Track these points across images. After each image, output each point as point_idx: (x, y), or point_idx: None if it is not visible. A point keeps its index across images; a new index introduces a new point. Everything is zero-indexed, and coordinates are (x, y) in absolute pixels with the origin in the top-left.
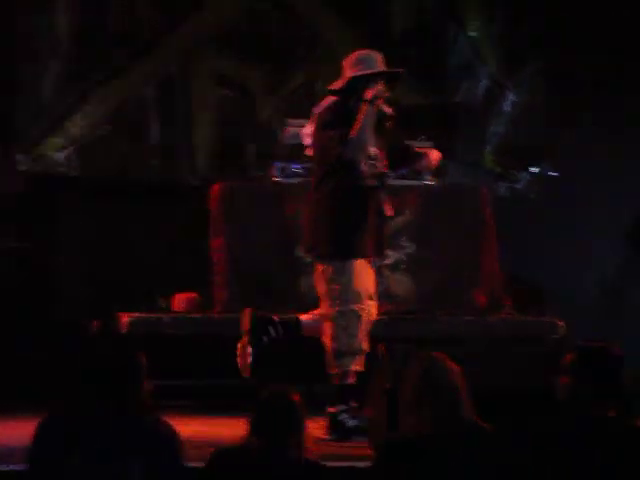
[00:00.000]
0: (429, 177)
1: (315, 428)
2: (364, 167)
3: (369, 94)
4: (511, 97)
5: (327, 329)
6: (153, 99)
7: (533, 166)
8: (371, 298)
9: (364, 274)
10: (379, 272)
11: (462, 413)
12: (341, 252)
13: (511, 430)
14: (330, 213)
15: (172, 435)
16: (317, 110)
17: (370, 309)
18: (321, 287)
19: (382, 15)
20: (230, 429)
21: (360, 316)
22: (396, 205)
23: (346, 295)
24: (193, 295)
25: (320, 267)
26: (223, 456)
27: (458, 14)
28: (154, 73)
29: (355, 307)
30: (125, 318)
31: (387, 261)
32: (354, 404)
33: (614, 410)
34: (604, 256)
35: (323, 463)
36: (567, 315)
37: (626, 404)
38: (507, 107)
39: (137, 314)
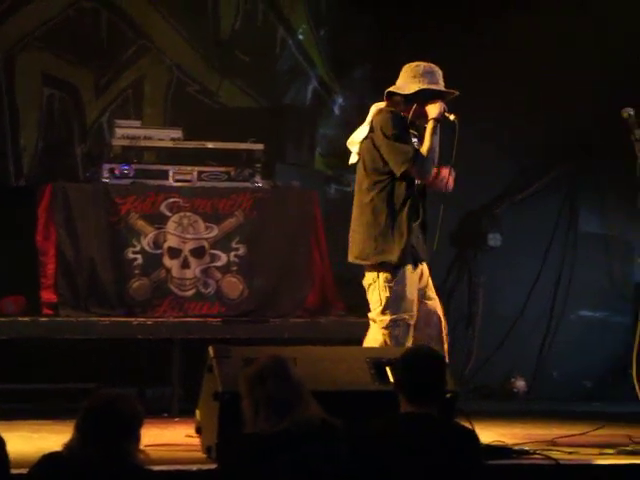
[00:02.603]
0: (259, 180)
1: None
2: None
3: (436, 112)
4: (339, 101)
5: (376, 335)
6: None
7: None
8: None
9: (412, 282)
10: (210, 274)
11: (306, 412)
12: (397, 260)
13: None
14: (381, 221)
15: None
16: (372, 117)
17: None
18: (372, 294)
19: (211, 18)
20: (55, 434)
21: (410, 325)
22: (227, 207)
23: (398, 303)
24: (20, 298)
25: (371, 275)
26: (48, 461)
27: (286, 18)
28: None
29: (406, 315)
30: None
31: (218, 263)
32: None
33: (438, 409)
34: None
35: (150, 468)
36: None
37: (448, 403)
38: (336, 110)
39: None
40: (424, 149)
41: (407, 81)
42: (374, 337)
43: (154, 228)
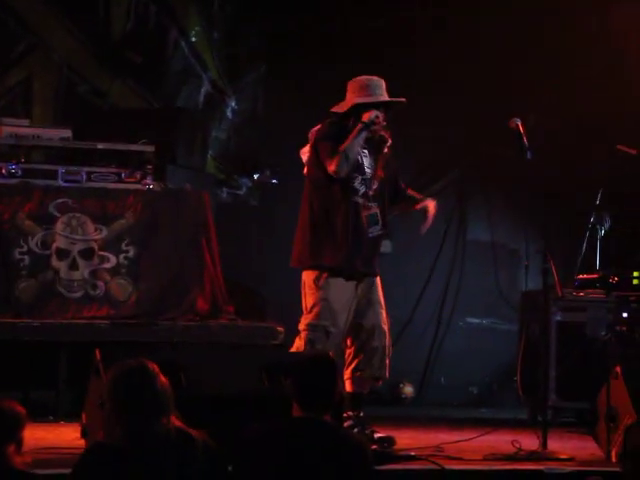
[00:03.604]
0: (150, 181)
1: None
2: (357, 185)
3: (366, 117)
4: (232, 104)
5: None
6: None
7: (255, 173)
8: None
9: (340, 292)
10: (99, 276)
11: (159, 422)
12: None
13: (227, 435)
14: (316, 227)
15: None
16: (315, 128)
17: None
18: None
19: (102, 18)
20: None
21: (330, 332)
22: (117, 209)
23: (320, 309)
24: None
25: (303, 279)
26: None
27: (179, 19)
28: None
29: (326, 323)
30: None
31: (107, 265)
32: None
33: (328, 414)
34: None
35: (33, 471)
36: (288, 321)
37: (339, 409)
38: (229, 114)
39: None
40: (342, 146)
41: (347, 97)
42: (295, 344)
43: (42, 229)
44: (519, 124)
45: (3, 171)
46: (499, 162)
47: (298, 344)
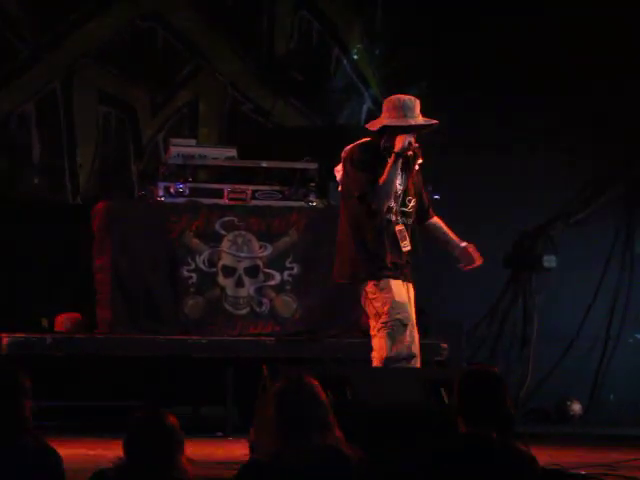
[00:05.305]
0: (313, 199)
1: None
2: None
3: (399, 146)
4: None
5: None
6: (35, 116)
7: None
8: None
9: (398, 289)
10: (264, 293)
11: (320, 440)
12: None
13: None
14: (348, 242)
15: (56, 459)
16: (348, 147)
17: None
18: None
19: (266, 38)
20: (111, 451)
21: (406, 324)
22: (281, 226)
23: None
24: (76, 315)
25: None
26: (102, 477)
27: (341, 38)
28: (35, 89)
29: (399, 317)
30: (5, 339)
31: (272, 282)
32: None
33: (496, 430)
34: (488, 279)
35: None
36: (451, 337)
37: (507, 425)
38: None
39: (18, 335)
40: (380, 179)
41: (382, 115)
42: (374, 348)
43: (209, 246)
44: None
45: (171, 190)
46: None
47: (379, 344)
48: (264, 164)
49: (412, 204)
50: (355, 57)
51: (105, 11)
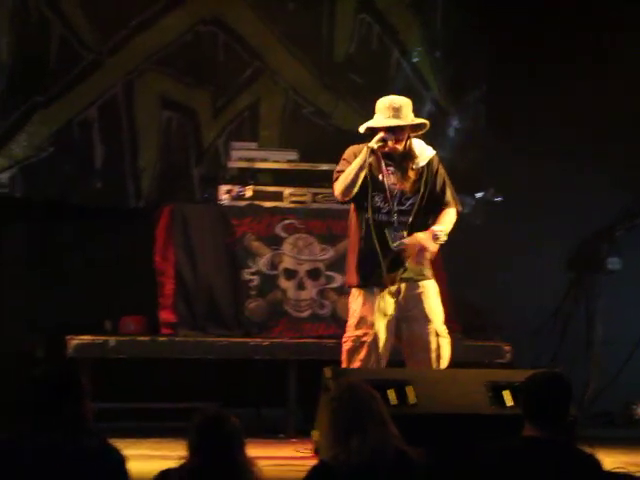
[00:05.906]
0: None
1: None
2: (379, 203)
3: (372, 141)
4: (454, 123)
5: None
6: (97, 121)
7: (478, 192)
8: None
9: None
10: (326, 296)
11: (378, 435)
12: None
13: (457, 456)
14: (349, 247)
15: (119, 459)
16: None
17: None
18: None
19: (326, 40)
20: (175, 452)
21: (365, 342)
22: (342, 229)
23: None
24: (139, 317)
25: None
26: (166, 477)
27: (401, 40)
28: (98, 94)
29: (360, 332)
30: (72, 341)
31: (333, 285)
32: None
33: (563, 434)
34: (551, 281)
35: None
36: (514, 340)
37: (572, 428)
38: (451, 133)
39: (83, 337)
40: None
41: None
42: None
43: (270, 249)
44: None
45: (233, 193)
46: None
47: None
48: (324, 167)
49: (410, 202)
50: (415, 60)
51: (166, 16)
